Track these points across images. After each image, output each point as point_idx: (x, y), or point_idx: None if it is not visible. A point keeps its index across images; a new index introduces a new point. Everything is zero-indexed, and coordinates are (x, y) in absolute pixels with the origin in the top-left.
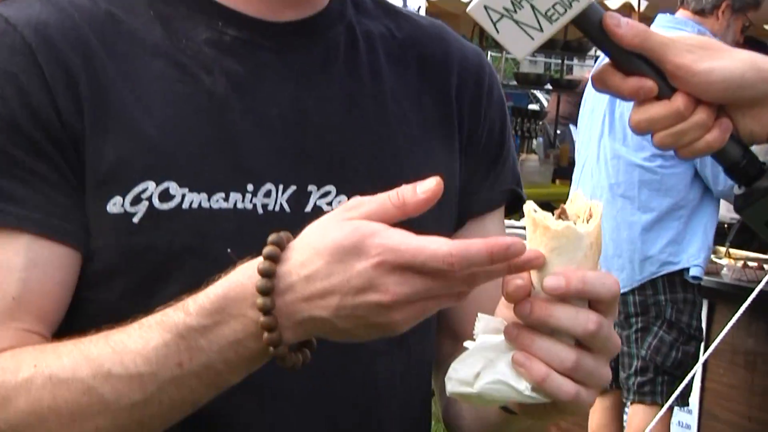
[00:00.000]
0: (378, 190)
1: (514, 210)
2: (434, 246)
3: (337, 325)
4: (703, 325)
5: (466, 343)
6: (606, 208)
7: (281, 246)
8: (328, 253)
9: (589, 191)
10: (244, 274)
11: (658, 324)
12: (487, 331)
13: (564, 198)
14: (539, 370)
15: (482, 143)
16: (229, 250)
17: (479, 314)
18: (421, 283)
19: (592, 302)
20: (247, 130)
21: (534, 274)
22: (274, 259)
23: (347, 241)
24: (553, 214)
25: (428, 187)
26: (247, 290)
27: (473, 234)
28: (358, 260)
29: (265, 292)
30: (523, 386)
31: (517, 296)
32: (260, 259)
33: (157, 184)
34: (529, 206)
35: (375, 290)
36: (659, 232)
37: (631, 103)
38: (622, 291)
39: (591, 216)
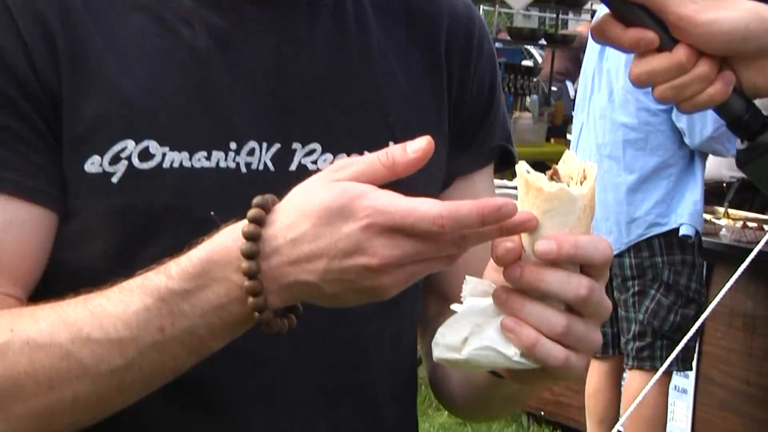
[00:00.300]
0: (365, 149)
1: (505, 167)
2: (424, 207)
3: (324, 290)
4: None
5: (454, 306)
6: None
7: (266, 208)
8: (315, 216)
9: (583, 153)
10: (229, 237)
11: (655, 287)
12: (475, 294)
13: (559, 157)
14: (529, 335)
15: (472, 99)
16: (212, 213)
17: (467, 277)
18: (411, 245)
19: (584, 266)
20: (230, 87)
21: (525, 237)
22: (260, 221)
23: (335, 203)
24: (545, 175)
25: (419, 146)
26: (231, 253)
27: (462, 193)
28: (345, 223)
29: (250, 255)
30: (512, 352)
31: (507, 260)
32: (245, 221)
33: (136, 143)
34: (522, 166)
35: (363, 253)
36: (646, 192)
37: (619, 60)
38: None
39: (585, 178)
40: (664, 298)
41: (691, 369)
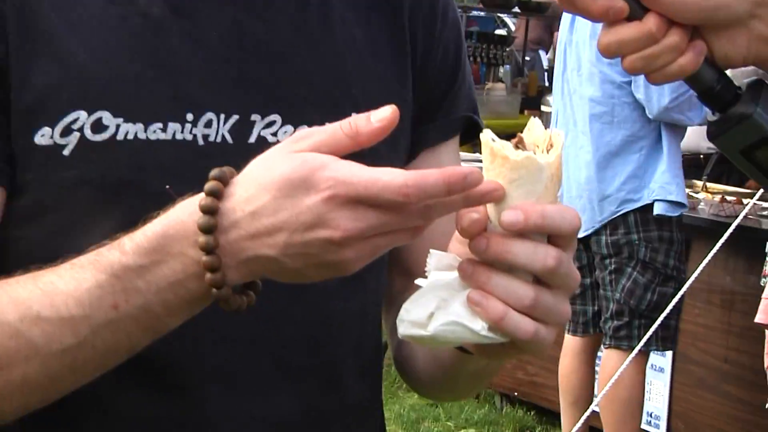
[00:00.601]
0: (326, 120)
1: (471, 139)
2: (388, 177)
3: (285, 265)
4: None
5: (418, 281)
6: (569, 146)
7: (224, 181)
8: (275, 188)
9: (559, 125)
10: (185, 211)
11: (631, 265)
12: (440, 267)
13: None
14: (496, 308)
15: (436, 68)
16: (167, 186)
17: (431, 250)
18: (375, 217)
19: (552, 236)
20: (186, 55)
21: (491, 208)
22: (217, 194)
23: (295, 175)
24: (511, 144)
25: (383, 115)
26: (187, 228)
27: (427, 165)
28: (307, 194)
29: (207, 229)
30: (480, 326)
31: (472, 231)
32: (202, 195)
33: (88, 114)
34: (487, 135)
35: (325, 226)
36: (616, 168)
37: (587, 32)
38: (586, 233)
39: (551, 146)
40: (641, 277)
41: (672, 349)
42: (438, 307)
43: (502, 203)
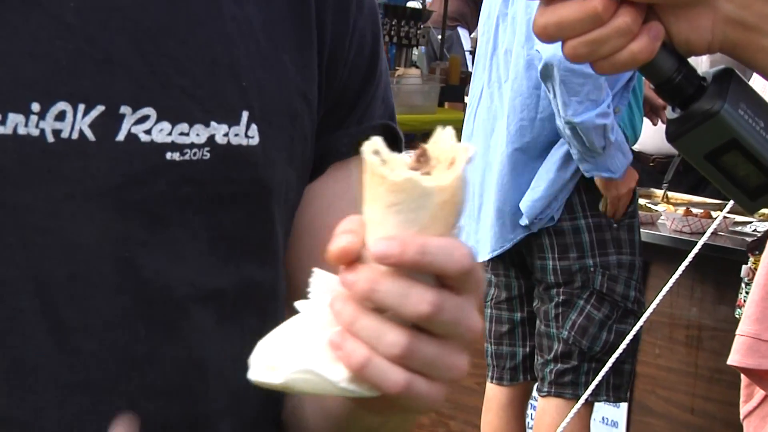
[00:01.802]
0: (211, 118)
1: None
2: None
3: None
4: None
5: (298, 304)
6: (496, 148)
7: None
8: None
9: (483, 125)
10: None
11: (584, 297)
12: (324, 290)
13: (455, 127)
14: (357, 354)
15: (349, 63)
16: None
17: (315, 269)
18: None
19: (442, 276)
20: (31, 30)
21: (369, 233)
22: None
23: None
24: (412, 155)
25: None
26: None
27: (335, 183)
28: None
29: None
30: (340, 375)
31: (340, 259)
32: None
33: None
34: (370, 146)
35: None
36: (533, 174)
37: (521, 5)
38: (493, 254)
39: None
40: (596, 312)
41: (626, 400)
42: (297, 346)
43: (380, 230)
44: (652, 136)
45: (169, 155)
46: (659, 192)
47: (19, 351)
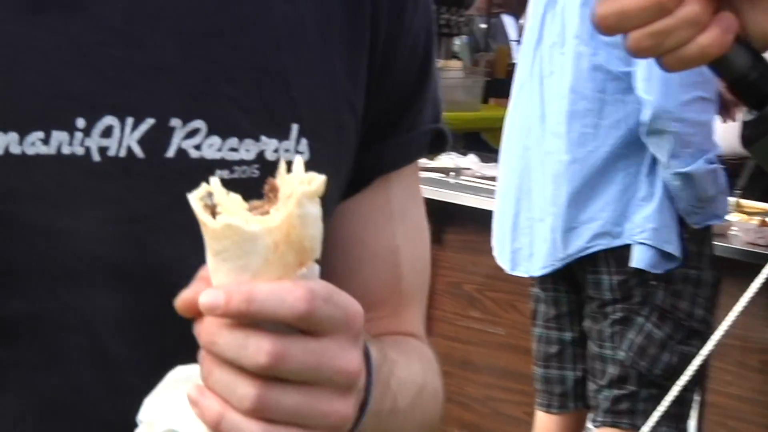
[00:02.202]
0: (261, 133)
1: (437, 149)
2: None
3: None
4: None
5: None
6: (533, 148)
7: None
8: None
9: (521, 125)
10: None
11: (644, 313)
12: None
13: (500, 126)
14: (211, 410)
15: (402, 67)
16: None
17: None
18: None
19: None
20: (71, 37)
21: (212, 281)
22: None
23: None
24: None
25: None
26: None
27: (376, 196)
28: None
29: None
30: None
31: (184, 311)
32: None
33: None
34: (199, 191)
35: None
36: (594, 187)
37: None
38: (544, 271)
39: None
40: (657, 330)
41: (686, 430)
42: (173, 401)
43: (215, 279)
44: (723, 135)
45: (218, 173)
46: (731, 199)
47: (63, 388)
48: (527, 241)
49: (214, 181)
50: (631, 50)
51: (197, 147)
